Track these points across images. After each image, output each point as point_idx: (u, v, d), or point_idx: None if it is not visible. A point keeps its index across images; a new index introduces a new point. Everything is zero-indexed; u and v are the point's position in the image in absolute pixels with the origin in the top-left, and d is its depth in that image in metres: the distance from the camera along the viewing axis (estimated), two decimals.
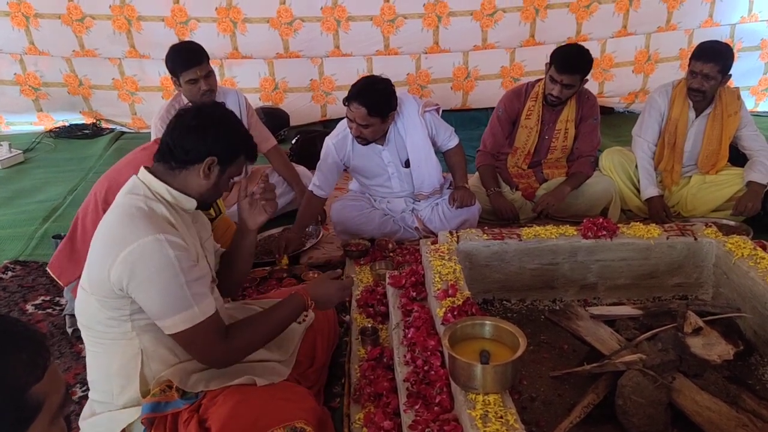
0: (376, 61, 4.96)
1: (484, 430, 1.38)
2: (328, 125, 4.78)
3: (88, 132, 5.07)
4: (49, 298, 2.70)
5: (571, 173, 3.29)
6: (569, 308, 2.12)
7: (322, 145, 3.01)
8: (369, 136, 2.81)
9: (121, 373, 1.59)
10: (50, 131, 5.09)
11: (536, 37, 5.00)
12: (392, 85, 2.80)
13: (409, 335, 1.87)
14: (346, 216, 3.02)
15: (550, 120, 3.26)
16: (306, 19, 4.77)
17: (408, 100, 2.94)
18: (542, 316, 2.26)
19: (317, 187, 2.98)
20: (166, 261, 1.48)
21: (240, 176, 1.76)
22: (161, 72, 4.80)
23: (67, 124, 5.15)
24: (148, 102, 5.03)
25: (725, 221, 3.09)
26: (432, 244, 2.26)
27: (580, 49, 3.14)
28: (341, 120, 2.94)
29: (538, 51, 4.90)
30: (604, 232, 2.29)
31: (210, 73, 2.95)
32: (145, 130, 4.90)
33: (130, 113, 5.13)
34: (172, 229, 1.54)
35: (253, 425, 1.48)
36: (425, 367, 1.72)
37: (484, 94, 5.12)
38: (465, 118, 5.07)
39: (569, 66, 3.06)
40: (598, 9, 4.96)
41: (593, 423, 1.70)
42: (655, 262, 2.31)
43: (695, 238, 2.29)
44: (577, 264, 2.32)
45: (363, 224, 3.01)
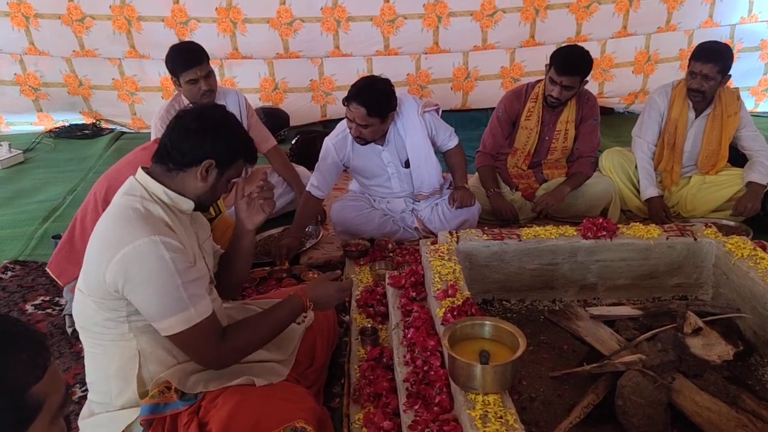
0: (376, 62, 4.97)
1: (484, 431, 1.38)
2: (328, 125, 4.78)
3: (88, 132, 5.07)
4: (48, 298, 2.70)
5: (571, 174, 3.28)
6: (569, 308, 2.12)
7: (322, 146, 3.02)
8: (368, 137, 2.81)
9: (119, 375, 1.59)
10: (50, 131, 5.09)
11: (536, 38, 5.00)
12: (392, 85, 2.79)
13: (409, 335, 1.87)
14: (346, 216, 3.02)
15: (550, 121, 3.26)
16: (306, 20, 4.77)
17: (407, 101, 2.94)
18: (542, 317, 2.26)
19: (315, 187, 2.97)
20: (161, 263, 1.47)
21: (239, 178, 1.75)
22: (161, 72, 4.81)
23: (67, 125, 5.15)
24: (148, 102, 5.03)
25: (725, 222, 3.09)
26: (432, 244, 2.26)
27: (579, 51, 3.13)
28: (341, 120, 2.94)
29: (538, 51, 4.91)
30: (604, 233, 2.29)
31: (210, 73, 2.95)
32: (145, 131, 4.90)
33: (130, 113, 5.13)
34: (169, 231, 1.53)
35: (254, 428, 1.48)
36: (425, 368, 1.72)
37: (484, 95, 5.12)
38: (465, 118, 5.07)
39: (569, 67, 3.05)
40: (598, 9, 4.96)
41: (593, 423, 1.70)
42: (655, 262, 2.31)
43: (695, 239, 2.29)
44: (576, 264, 2.32)
45: (363, 224, 3.01)
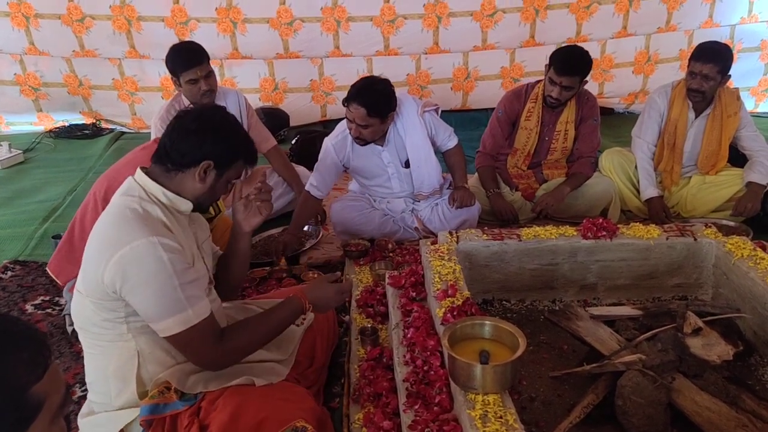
0: (376, 62, 4.97)
1: (484, 430, 1.38)
2: (328, 125, 4.78)
3: (87, 132, 5.07)
4: (48, 298, 2.70)
5: (571, 174, 3.28)
6: (569, 308, 2.12)
7: (322, 146, 3.01)
8: (368, 137, 2.81)
9: (117, 375, 1.58)
10: (50, 131, 5.09)
11: (536, 38, 5.00)
12: (391, 85, 2.80)
13: (409, 335, 1.87)
14: (346, 216, 3.02)
15: (550, 121, 3.26)
16: (306, 20, 4.77)
17: (407, 101, 2.94)
18: (542, 317, 2.26)
19: (314, 187, 2.97)
20: (159, 264, 1.47)
21: (239, 179, 1.74)
22: (161, 72, 4.81)
23: (67, 125, 5.15)
24: (147, 102, 5.03)
25: (725, 222, 3.09)
26: (432, 244, 2.26)
27: (579, 51, 3.13)
28: (341, 120, 2.94)
29: (538, 51, 4.90)
30: (604, 233, 2.29)
31: (210, 73, 2.95)
32: (145, 131, 4.90)
33: (130, 113, 5.13)
34: (167, 232, 1.53)
35: (255, 430, 1.48)
36: (425, 367, 1.72)
37: (484, 95, 5.12)
38: (465, 118, 5.07)
39: (568, 68, 3.05)
40: (598, 10, 4.96)
41: (593, 423, 1.70)
42: (655, 262, 2.31)
43: (695, 239, 2.29)
44: (576, 264, 2.32)
45: (363, 224, 3.01)
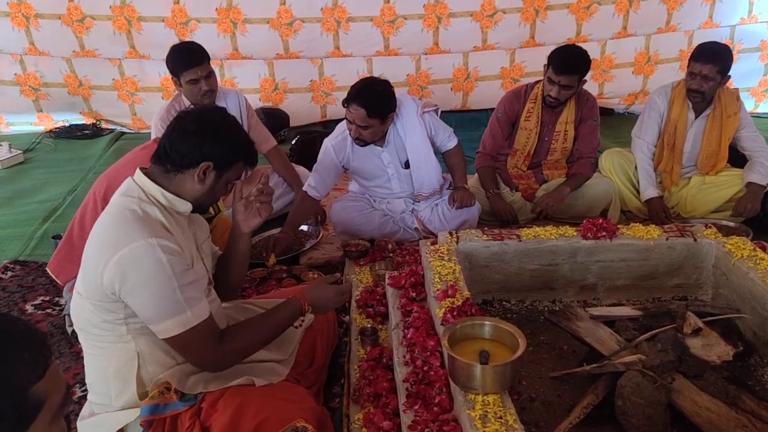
0: (376, 62, 4.97)
1: (484, 431, 1.38)
2: (328, 126, 4.78)
3: (88, 132, 5.07)
4: (48, 298, 2.70)
5: (571, 174, 3.29)
6: (569, 309, 2.12)
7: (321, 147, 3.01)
8: (368, 138, 2.81)
9: (117, 376, 1.58)
10: (50, 131, 5.09)
11: (536, 38, 5.00)
12: (391, 86, 2.80)
13: (409, 336, 1.87)
14: (346, 216, 3.02)
15: (550, 121, 3.26)
16: (306, 20, 4.78)
17: (407, 101, 2.94)
18: (542, 317, 2.26)
19: (312, 188, 2.96)
20: (158, 265, 1.46)
21: (239, 180, 1.74)
22: (161, 72, 4.81)
23: (67, 125, 5.15)
24: (148, 102, 5.03)
25: (725, 222, 3.09)
26: (432, 244, 2.26)
27: (577, 50, 3.14)
28: (341, 121, 2.94)
29: (538, 52, 4.90)
30: (604, 233, 2.29)
31: (211, 73, 2.95)
32: (145, 131, 4.90)
33: (130, 114, 5.13)
34: (166, 233, 1.52)
35: (256, 431, 1.48)
36: (425, 368, 1.72)
37: (484, 95, 5.12)
38: (465, 119, 5.07)
39: (567, 67, 3.06)
40: (598, 10, 4.96)
41: (593, 423, 1.70)
42: (655, 263, 2.31)
43: (695, 239, 2.29)
44: (576, 265, 2.32)
45: (363, 225, 3.01)
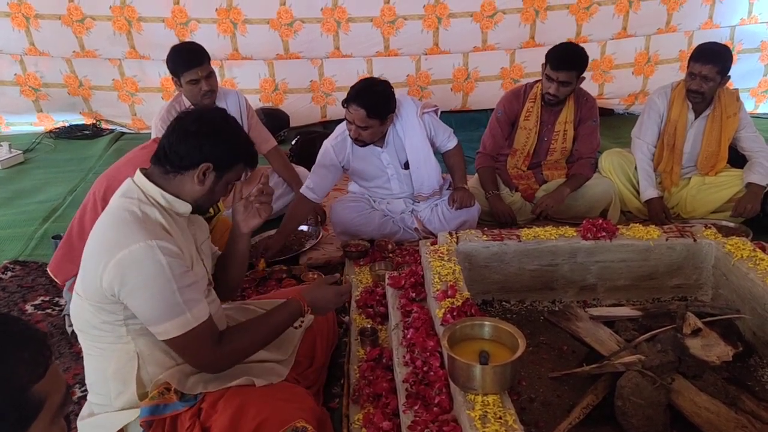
0: (376, 63, 4.97)
1: (483, 431, 1.38)
2: (328, 126, 4.78)
3: (88, 133, 5.07)
4: (48, 299, 2.70)
5: (571, 175, 3.29)
6: (568, 309, 2.12)
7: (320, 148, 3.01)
8: (367, 138, 2.81)
9: (117, 377, 1.58)
10: (50, 132, 5.09)
11: (536, 39, 5.00)
12: (391, 86, 2.80)
13: (409, 336, 1.87)
14: (346, 217, 3.02)
15: (549, 121, 3.27)
16: (306, 20, 4.78)
17: (406, 102, 2.94)
18: (541, 317, 2.27)
19: (310, 190, 2.93)
20: (157, 267, 1.46)
21: (239, 181, 1.74)
22: (161, 73, 4.82)
23: (67, 125, 5.15)
24: (148, 103, 5.03)
25: (725, 223, 3.09)
26: (431, 245, 2.26)
27: (574, 46, 3.18)
28: (341, 121, 2.94)
29: (538, 52, 4.85)
30: (604, 234, 2.29)
31: (211, 73, 2.95)
32: (145, 131, 4.90)
33: (130, 114, 5.13)
34: (166, 235, 1.52)
35: (256, 431, 1.48)
36: (424, 368, 1.73)
37: (484, 96, 5.12)
38: (465, 119, 5.07)
39: (564, 63, 3.07)
40: (597, 11, 4.97)
41: (592, 424, 1.71)
42: (655, 263, 2.31)
43: (694, 240, 2.29)
44: (576, 265, 2.32)
45: (362, 225, 3.01)
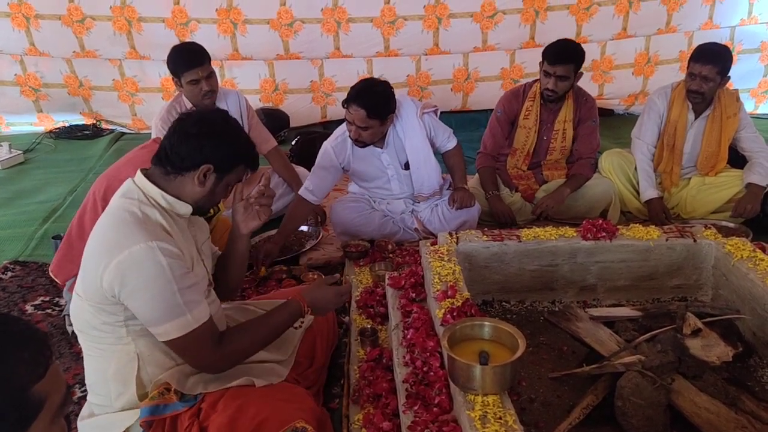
0: (377, 63, 4.97)
1: (483, 431, 1.38)
2: (329, 126, 4.79)
3: (88, 133, 5.07)
4: (48, 299, 2.70)
5: (571, 175, 3.29)
6: (568, 309, 2.12)
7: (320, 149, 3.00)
8: (367, 139, 2.81)
9: (117, 378, 1.58)
10: (50, 132, 5.09)
11: (536, 39, 5.00)
12: (391, 87, 2.80)
13: (409, 336, 1.87)
14: (346, 217, 3.02)
15: (548, 120, 3.27)
16: (306, 21, 4.78)
17: (406, 103, 2.94)
18: (541, 318, 2.27)
19: (309, 191, 2.92)
20: (158, 269, 1.46)
21: (239, 182, 1.74)
22: (161, 73, 4.82)
23: (67, 125, 5.15)
24: (148, 103, 5.03)
25: (724, 223, 3.09)
26: (431, 245, 2.26)
27: (569, 41, 3.20)
28: (341, 121, 2.94)
29: (538, 53, 4.74)
30: (604, 234, 2.29)
31: (212, 74, 2.95)
32: (146, 131, 4.90)
33: (130, 114, 5.14)
34: (166, 236, 1.52)
35: (256, 431, 1.48)
36: (424, 368, 1.73)
37: (484, 96, 5.12)
38: (465, 119, 5.07)
39: (560, 56, 3.08)
40: (597, 11, 4.97)
41: (592, 424, 1.71)
42: (655, 263, 2.31)
43: (694, 240, 2.29)
44: (576, 265, 2.32)
45: (363, 225, 3.01)
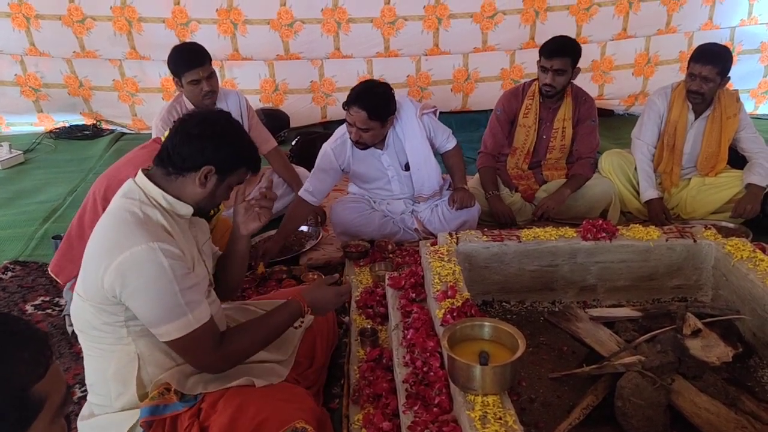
0: (377, 63, 4.97)
1: (483, 431, 1.38)
2: (329, 127, 4.79)
3: (88, 133, 5.07)
4: (48, 299, 2.70)
5: (571, 176, 3.29)
6: (568, 310, 2.12)
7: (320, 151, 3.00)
8: (368, 141, 2.81)
9: (117, 378, 1.58)
10: (50, 132, 5.09)
11: (536, 40, 4.99)
12: (391, 88, 2.80)
13: (409, 336, 1.87)
14: (346, 217, 3.02)
15: (548, 118, 3.27)
16: (306, 21, 4.78)
17: (405, 104, 2.94)
18: (541, 318, 2.27)
19: (309, 193, 2.92)
20: (159, 269, 1.46)
21: (241, 184, 1.74)
22: (161, 73, 4.82)
23: (67, 125, 5.15)
24: (148, 103, 5.03)
25: (724, 223, 3.09)
26: (431, 245, 2.26)
27: (564, 36, 3.23)
28: (341, 121, 2.94)
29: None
30: (604, 234, 2.29)
31: (212, 74, 2.95)
32: (146, 131, 4.90)
33: (131, 114, 5.13)
34: (167, 237, 1.52)
35: (256, 431, 1.48)
36: (424, 368, 1.73)
37: (484, 96, 5.11)
38: (465, 120, 5.07)
39: (556, 50, 3.10)
40: (598, 12, 4.97)
41: (592, 424, 1.71)
42: (655, 264, 2.32)
43: (694, 240, 2.29)
44: (576, 266, 2.32)
45: (363, 225, 3.01)
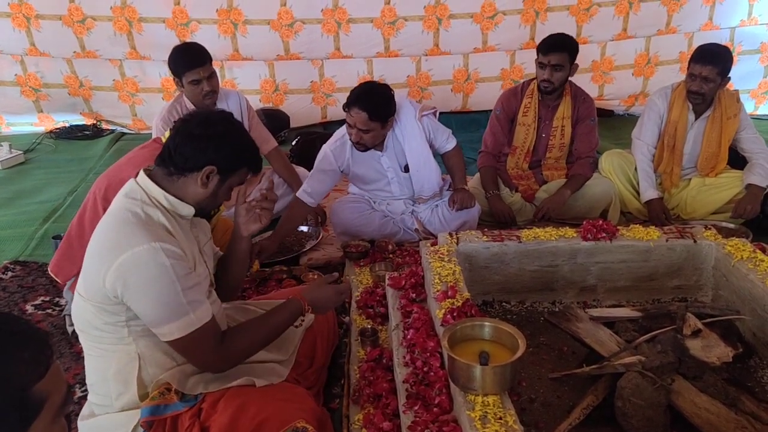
0: (377, 63, 4.97)
1: (483, 431, 1.38)
2: (329, 127, 4.79)
3: (88, 133, 5.06)
4: (48, 299, 2.70)
5: (571, 176, 3.29)
6: (569, 310, 2.12)
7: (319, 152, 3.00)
8: (369, 142, 2.81)
9: (118, 378, 1.58)
10: (51, 132, 5.09)
11: (536, 40, 4.95)
12: (391, 90, 2.80)
13: (409, 336, 1.87)
14: (346, 217, 3.03)
15: (547, 117, 3.27)
16: (306, 21, 4.78)
17: (405, 105, 2.94)
18: (542, 318, 2.27)
19: (307, 194, 2.92)
20: (161, 269, 1.46)
21: (242, 185, 1.75)
22: (162, 73, 4.82)
23: (67, 125, 5.15)
24: (148, 103, 5.03)
25: (725, 224, 3.09)
26: (432, 245, 2.27)
27: (561, 33, 3.22)
28: (341, 122, 2.94)
29: None
30: (604, 234, 2.29)
31: (213, 74, 2.95)
32: (146, 131, 4.90)
33: (131, 114, 5.13)
34: (169, 237, 1.52)
35: (256, 431, 1.48)
36: (424, 368, 1.73)
37: (485, 97, 5.11)
38: (465, 120, 5.07)
39: (553, 46, 3.10)
40: (598, 12, 4.97)
41: (592, 424, 1.71)
42: (655, 264, 2.32)
43: (695, 241, 2.29)
44: (576, 266, 2.32)
45: (363, 226, 3.01)
